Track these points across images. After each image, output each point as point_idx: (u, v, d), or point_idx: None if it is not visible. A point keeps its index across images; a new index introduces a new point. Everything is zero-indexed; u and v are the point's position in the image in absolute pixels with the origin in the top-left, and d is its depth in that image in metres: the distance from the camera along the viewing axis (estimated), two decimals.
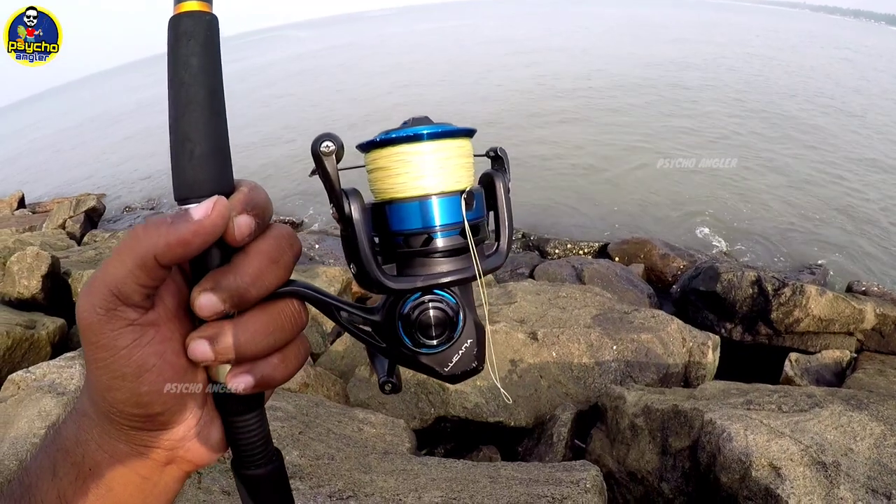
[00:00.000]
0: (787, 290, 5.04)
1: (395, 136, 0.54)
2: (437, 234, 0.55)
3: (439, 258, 0.56)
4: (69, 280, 5.75)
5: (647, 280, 6.78)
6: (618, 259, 7.48)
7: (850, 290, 6.33)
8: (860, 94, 18.74)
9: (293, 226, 10.10)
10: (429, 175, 0.54)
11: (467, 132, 0.57)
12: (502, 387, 3.63)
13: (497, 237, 0.61)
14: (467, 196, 0.56)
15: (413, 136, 0.54)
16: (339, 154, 0.51)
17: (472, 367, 0.59)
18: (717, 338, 4.12)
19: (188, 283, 0.50)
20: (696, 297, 5.83)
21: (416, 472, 2.30)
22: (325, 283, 5.55)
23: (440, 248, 0.55)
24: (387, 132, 0.55)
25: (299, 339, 0.53)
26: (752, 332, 5.29)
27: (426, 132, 0.54)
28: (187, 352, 0.49)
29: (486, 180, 0.62)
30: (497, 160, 0.64)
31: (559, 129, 14.58)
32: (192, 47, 0.48)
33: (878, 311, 4.91)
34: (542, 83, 21.06)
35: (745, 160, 11.49)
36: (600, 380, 3.71)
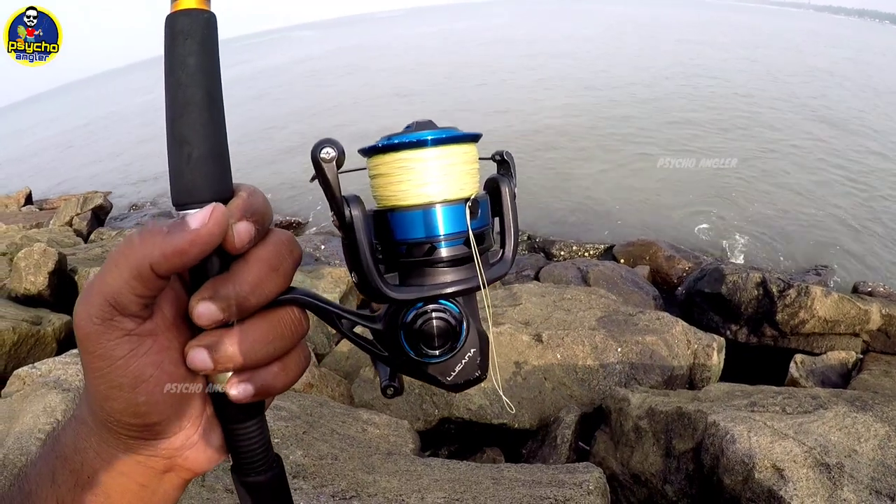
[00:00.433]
0: (793, 292, 5.03)
1: (397, 142, 0.52)
2: (441, 243, 0.53)
3: (443, 268, 0.54)
4: (76, 277, 5.78)
5: (652, 282, 6.76)
6: (623, 261, 7.47)
7: (855, 290, 6.31)
8: (867, 92, 18.64)
9: (298, 226, 10.11)
10: (432, 182, 0.53)
11: (472, 137, 0.56)
12: (506, 390, 3.62)
13: (502, 244, 0.59)
14: (472, 204, 0.54)
15: (416, 141, 0.52)
16: (340, 160, 0.49)
17: (476, 376, 0.58)
18: (722, 339, 4.10)
19: (188, 290, 0.49)
20: (701, 298, 5.82)
21: (419, 473, 2.30)
22: (331, 284, 5.57)
23: (444, 257, 0.54)
24: (389, 137, 0.53)
25: (300, 347, 0.53)
26: (758, 333, 5.27)
27: (430, 137, 0.52)
28: (186, 360, 0.48)
29: (491, 185, 0.60)
30: (503, 164, 0.62)
31: (563, 130, 14.56)
32: (190, 46, 0.46)
33: (883, 311, 4.89)
34: (549, 87, 21.03)
35: (750, 160, 11.45)
36: (605, 382, 3.70)
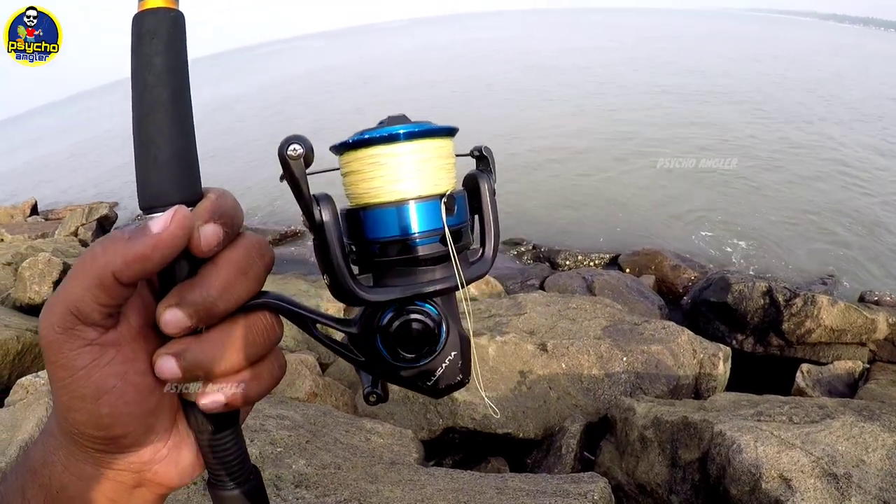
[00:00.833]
0: (799, 301, 5.00)
1: (368, 137, 0.51)
2: (416, 241, 0.51)
3: (419, 267, 0.52)
4: None
5: (657, 291, 6.73)
6: (628, 270, 7.44)
7: (862, 299, 6.26)
8: (873, 98, 18.61)
9: (297, 235, 10.07)
10: (406, 178, 0.51)
11: (448, 131, 0.54)
12: (511, 400, 3.61)
13: (482, 242, 0.57)
14: (448, 200, 0.52)
15: (388, 136, 0.50)
16: (309, 158, 0.48)
17: (458, 380, 0.56)
18: (728, 349, 4.07)
19: (157, 298, 0.47)
20: (706, 308, 5.79)
21: (422, 483, 2.29)
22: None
23: (419, 256, 0.52)
24: (361, 132, 0.52)
25: (273, 354, 0.51)
26: (764, 343, 5.24)
27: (402, 132, 0.50)
28: (154, 369, 0.46)
29: (470, 182, 0.58)
30: (482, 160, 0.60)
31: (564, 136, 14.59)
32: (156, 46, 0.45)
33: (890, 320, 4.85)
34: (550, 98, 21.10)
35: (756, 167, 11.43)
36: (610, 391, 3.68)
